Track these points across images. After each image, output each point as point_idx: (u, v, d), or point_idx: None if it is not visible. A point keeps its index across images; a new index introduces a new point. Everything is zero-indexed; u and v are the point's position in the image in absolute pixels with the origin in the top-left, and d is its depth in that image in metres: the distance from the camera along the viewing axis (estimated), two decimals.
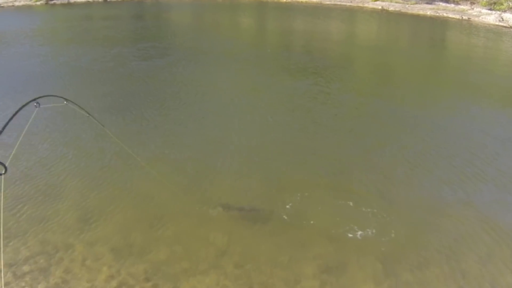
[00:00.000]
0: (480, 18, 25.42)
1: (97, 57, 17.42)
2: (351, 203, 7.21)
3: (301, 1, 31.08)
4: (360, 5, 29.83)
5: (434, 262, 6.01)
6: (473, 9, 27.61)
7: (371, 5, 29.61)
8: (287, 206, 7.08)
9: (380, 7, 28.71)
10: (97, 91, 12.93)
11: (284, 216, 6.89)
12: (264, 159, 8.69)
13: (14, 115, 4.50)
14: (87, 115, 6.20)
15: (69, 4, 39.66)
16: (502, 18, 24.97)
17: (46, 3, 40.97)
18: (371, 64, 16.33)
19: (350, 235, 6.47)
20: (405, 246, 6.34)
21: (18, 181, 7.97)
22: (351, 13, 27.96)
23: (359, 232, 6.51)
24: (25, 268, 6.02)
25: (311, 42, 19.42)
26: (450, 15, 26.42)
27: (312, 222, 6.77)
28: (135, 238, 6.47)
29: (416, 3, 28.90)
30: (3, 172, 3.50)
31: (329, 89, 12.79)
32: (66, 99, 5.92)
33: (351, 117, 11.03)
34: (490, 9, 26.80)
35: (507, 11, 25.92)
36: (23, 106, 4.82)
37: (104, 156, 8.85)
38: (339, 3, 30.40)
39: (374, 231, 6.55)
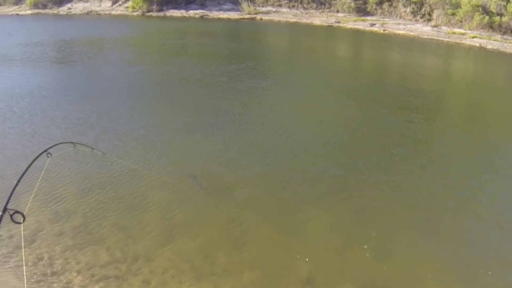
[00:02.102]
0: None
1: (192, 72, 17.91)
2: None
3: (398, 34, 30.54)
4: (458, 41, 28.90)
5: None
6: None
7: (468, 41, 28.59)
8: (366, 246, 6.73)
9: (477, 44, 27.65)
10: (186, 106, 13.22)
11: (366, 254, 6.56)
12: (350, 197, 8.27)
13: (26, 169, 4.77)
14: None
15: (165, 17, 41.23)
16: None
17: (143, 14, 43.05)
18: (467, 102, 15.65)
19: None
20: None
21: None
22: (447, 48, 27.15)
23: None
24: (103, 272, 6.07)
25: (406, 75, 18.84)
26: None
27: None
28: (217, 258, 6.34)
29: None
30: (22, 221, 3.63)
31: (423, 126, 12.17)
32: (74, 143, 6.57)
33: (450, 157, 10.21)
34: None
35: None
36: (35, 159, 5.17)
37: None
38: (436, 37, 29.60)
39: None
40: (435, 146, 10.96)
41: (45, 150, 5.54)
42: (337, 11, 37.70)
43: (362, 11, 36.48)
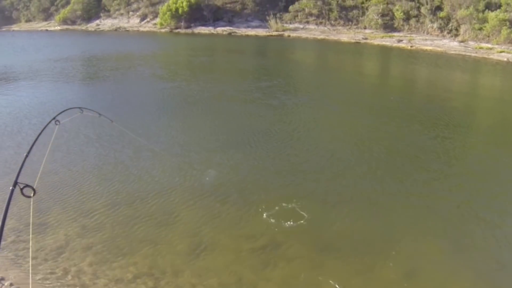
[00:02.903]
0: None
1: (224, 88, 18.29)
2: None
3: (425, 49, 30.52)
4: (485, 56, 28.89)
5: None
6: None
7: (496, 56, 28.57)
8: (391, 264, 6.59)
9: (505, 59, 27.63)
10: (221, 123, 13.28)
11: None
12: (381, 212, 8.15)
13: (36, 138, 4.85)
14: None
15: (193, 33, 42.16)
16: None
17: (171, 31, 43.96)
18: (496, 118, 15.48)
19: None
20: None
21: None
22: (474, 63, 27.10)
23: None
24: (132, 287, 6.07)
25: (434, 91, 18.67)
26: None
27: None
28: (245, 275, 6.27)
29: None
30: (32, 195, 3.51)
31: (455, 142, 12.07)
32: (80, 108, 6.64)
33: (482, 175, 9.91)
34: None
35: None
36: (44, 128, 5.31)
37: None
38: (463, 53, 29.66)
39: None
40: (468, 162, 10.82)
41: (53, 118, 5.72)
42: (365, 28, 38.02)
43: (389, 27, 36.76)
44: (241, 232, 7.36)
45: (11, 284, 6.14)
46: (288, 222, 7.62)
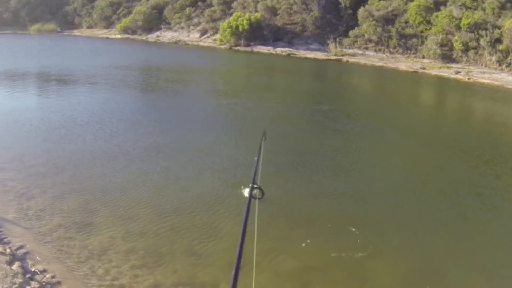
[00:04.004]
0: None
1: (282, 110, 18.72)
2: None
3: (483, 82, 30.21)
4: None
5: None
6: None
7: None
8: None
9: None
10: (280, 144, 13.29)
11: None
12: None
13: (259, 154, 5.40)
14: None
15: (252, 52, 42.86)
16: None
17: (230, 48, 44.83)
18: None
19: None
20: None
21: None
22: None
23: None
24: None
25: (487, 125, 18.99)
26: None
27: None
28: None
29: None
30: (260, 197, 3.65)
31: (502, 181, 11.75)
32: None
33: None
34: None
35: None
36: (261, 141, 6.16)
37: None
38: None
39: None
40: None
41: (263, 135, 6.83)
42: (423, 57, 37.91)
43: (447, 57, 36.65)
44: (286, 256, 7.30)
45: (52, 277, 6.45)
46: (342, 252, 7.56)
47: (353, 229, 8.28)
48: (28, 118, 14.69)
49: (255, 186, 3.72)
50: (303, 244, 7.67)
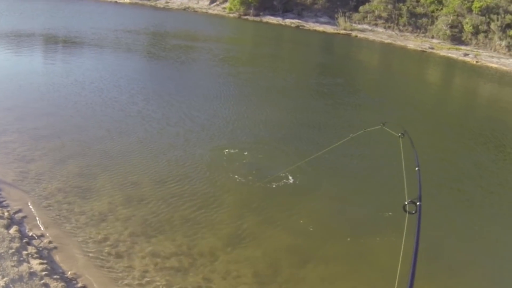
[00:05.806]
0: None
1: (287, 82, 18.74)
2: None
3: (491, 66, 29.99)
4: None
5: None
6: None
7: None
8: None
9: None
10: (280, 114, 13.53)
11: None
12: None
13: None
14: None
15: (261, 22, 42.18)
16: None
17: (239, 17, 44.01)
18: None
19: None
20: None
21: None
22: None
23: None
24: (167, 263, 6.12)
25: (494, 111, 18.72)
26: None
27: None
28: (281, 269, 6.27)
29: None
30: (413, 212, 3.02)
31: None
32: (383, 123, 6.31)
33: None
34: None
35: None
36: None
37: None
38: None
39: None
40: None
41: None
42: (432, 37, 37.46)
43: (456, 39, 36.27)
44: (285, 227, 7.29)
45: (50, 242, 6.34)
46: (328, 223, 7.63)
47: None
48: (33, 81, 14.34)
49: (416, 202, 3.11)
50: None
